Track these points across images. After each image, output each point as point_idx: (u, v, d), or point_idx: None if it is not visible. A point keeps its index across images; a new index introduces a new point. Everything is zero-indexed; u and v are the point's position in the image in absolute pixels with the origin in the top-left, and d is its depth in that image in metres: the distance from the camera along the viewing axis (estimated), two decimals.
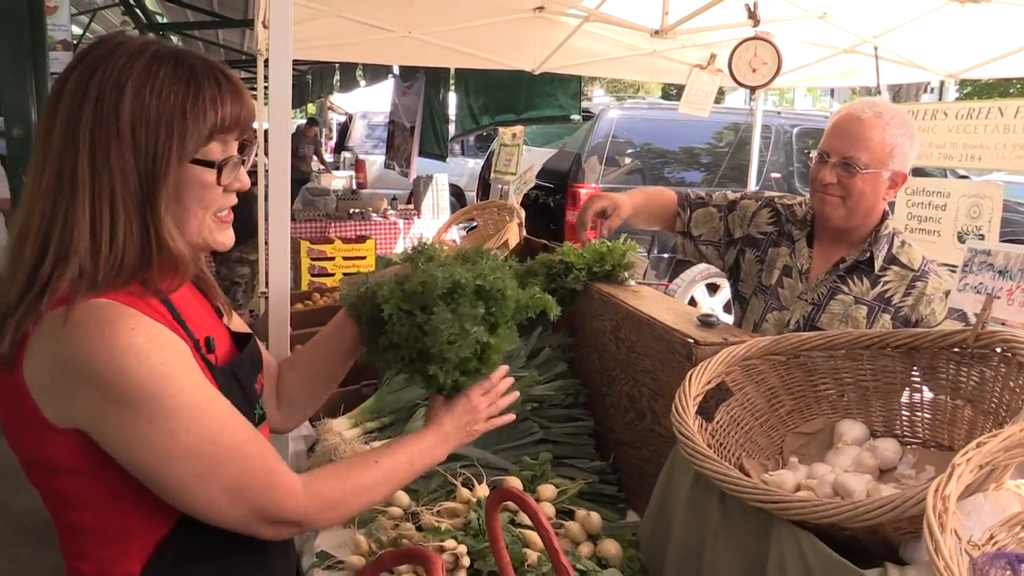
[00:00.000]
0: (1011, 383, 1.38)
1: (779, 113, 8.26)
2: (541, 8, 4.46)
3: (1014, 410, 1.35)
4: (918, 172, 4.92)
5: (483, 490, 1.68)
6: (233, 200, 1.21)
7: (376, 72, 9.22)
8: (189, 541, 1.17)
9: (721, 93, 8.09)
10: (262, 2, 2.46)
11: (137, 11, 11.28)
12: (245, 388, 1.25)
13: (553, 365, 2.23)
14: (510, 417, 1.44)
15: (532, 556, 1.44)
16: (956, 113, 4.16)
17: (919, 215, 4.30)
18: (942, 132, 4.26)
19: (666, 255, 7.05)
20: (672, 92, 4.73)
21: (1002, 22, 3.91)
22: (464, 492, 1.67)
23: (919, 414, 1.59)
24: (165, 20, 13.42)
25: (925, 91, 17.19)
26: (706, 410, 1.65)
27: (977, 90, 18.96)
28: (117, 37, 1.11)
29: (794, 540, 1.31)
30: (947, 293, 2.05)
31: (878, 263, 2.14)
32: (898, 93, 16.54)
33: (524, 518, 1.60)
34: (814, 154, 2.19)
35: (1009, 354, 1.37)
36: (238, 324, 1.40)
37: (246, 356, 1.30)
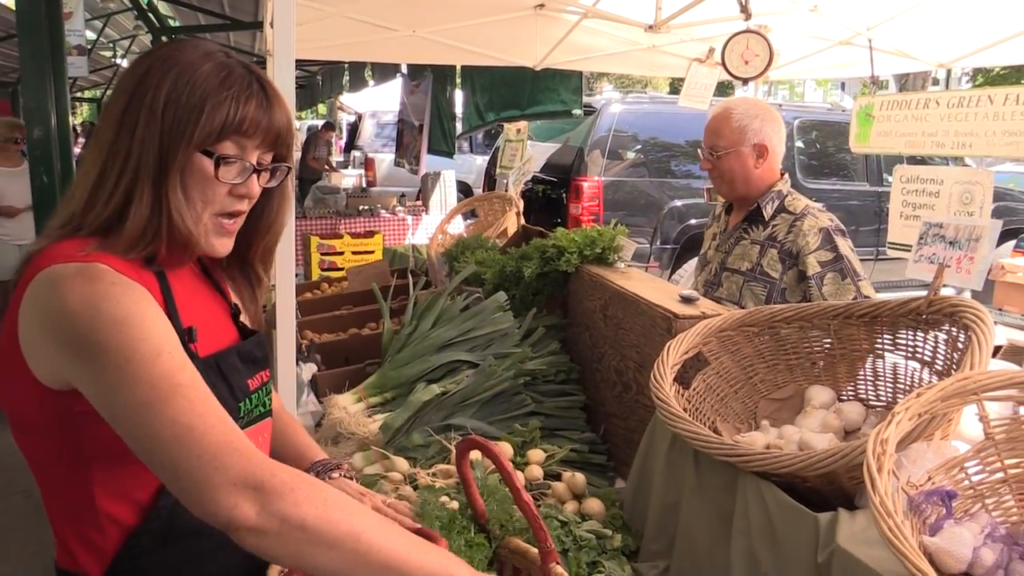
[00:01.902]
0: (959, 344, 1.48)
1: (780, 106, 8.33)
2: (541, 5, 4.56)
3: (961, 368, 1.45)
4: (913, 160, 5.01)
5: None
6: (240, 206, 1.21)
7: (385, 71, 9.34)
8: (163, 526, 1.18)
9: (731, 87, 8.16)
10: (268, 4, 2.58)
11: (150, 15, 11.44)
12: (229, 381, 1.25)
13: (547, 343, 2.35)
14: None
15: (518, 512, 1.55)
16: (947, 102, 4.23)
17: (913, 202, 4.38)
18: (934, 120, 4.33)
19: (668, 246, 7.14)
20: (678, 86, 4.83)
21: (990, 11, 3.99)
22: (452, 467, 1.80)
23: (882, 378, 1.70)
24: (177, 24, 13.60)
25: (932, 82, 17.18)
26: (684, 378, 1.76)
27: (989, 79, 18.86)
28: (192, 39, 1.23)
29: (757, 491, 1.43)
30: (821, 229, 2.54)
31: (767, 213, 2.66)
32: (904, 83, 16.54)
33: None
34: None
35: (957, 317, 1.48)
36: (255, 321, 1.41)
37: (237, 351, 1.29)
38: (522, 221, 3.29)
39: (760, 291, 2.57)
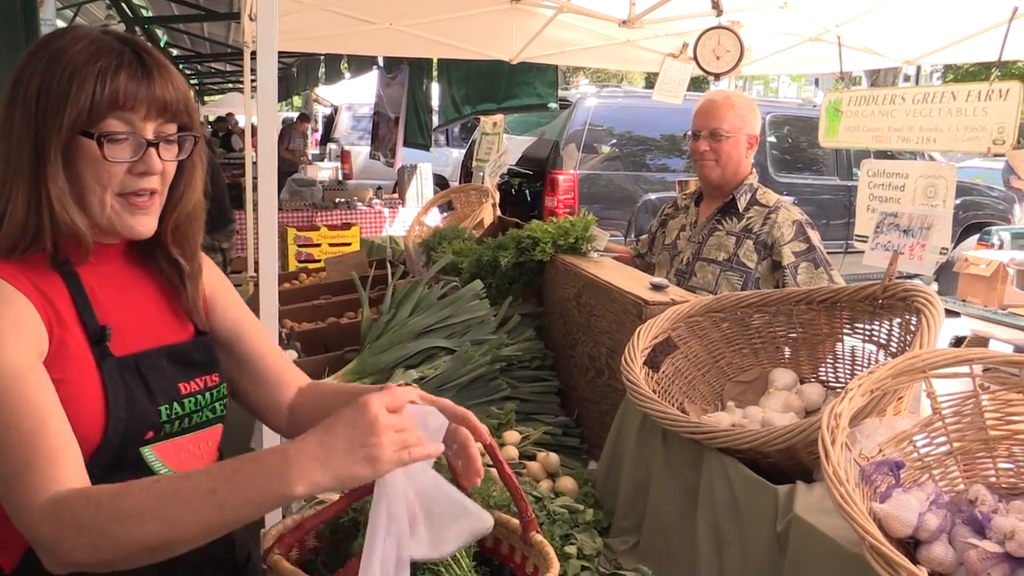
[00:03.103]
0: (911, 326, 1.57)
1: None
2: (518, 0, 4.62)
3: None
4: (880, 155, 5.13)
5: None
6: (144, 184, 1.15)
7: (361, 64, 9.34)
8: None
9: (705, 82, 8.26)
10: None
11: (122, 4, 11.32)
12: (148, 383, 1.19)
13: (522, 331, 2.41)
14: (437, 448, 1.03)
15: (498, 488, 1.62)
16: (913, 98, 4.34)
17: (880, 195, 4.49)
18: (900, 116, 4.44)
19: (644, 237, 7.24)
20: (653, 80, 4.88)
21: (955, 10, 4.10)
22: None
23: (841, 361, 1.79)
24: (150, 14, 13.47)
25: (903, 77, 17.43)
26: (654, 362, 1.84)
27: (959, 76, 19.19)
28: (70, 28, 1.16)
29: (722, 466, 1.50)
30: (795, 221, 2.69)
31: (741, 205, 2.77)
32: (876, 79, 16.73)
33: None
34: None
35: (909, 302, 1.56)
36: (206, 324, 1.34)
37: (168, 352, 1.24)
38: (498, 212, 3.35)
39: (736, 280, 2.66)
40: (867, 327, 1.71)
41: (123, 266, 1.25)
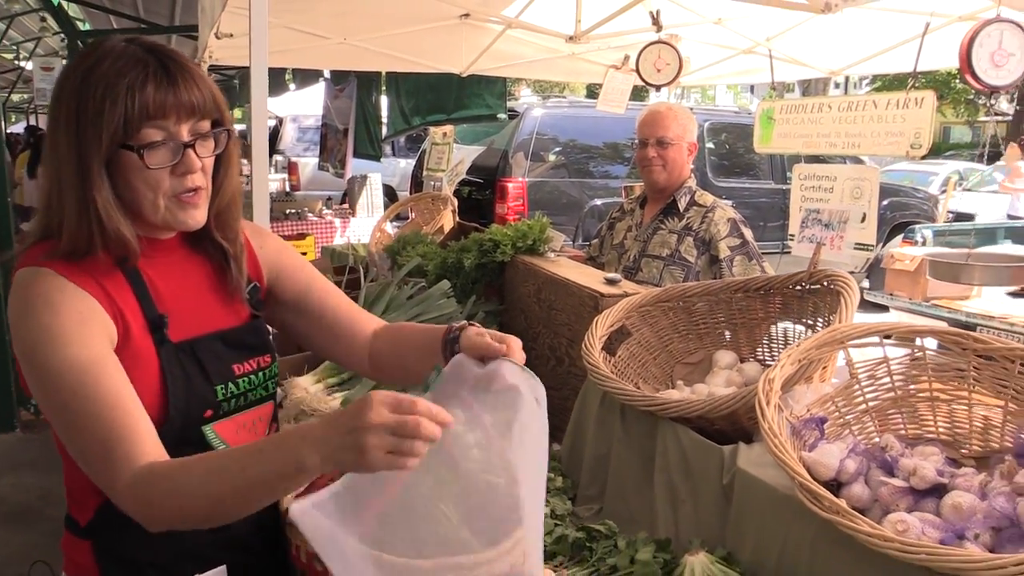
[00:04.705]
0: (832, 307, 1.80)
1: (692, 108, 8.80)
2: (467, 15, 4.80)
3: None
4: (812, 159, 5.45)
5: None
6: (193, 183, 1.24)
7: (306, 76, 9.39)
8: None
9: (646, 92, 8.57)
10: (220, 14, 2.74)
11: (58, 17, 11.15)
12: (204, 366, 1.30)
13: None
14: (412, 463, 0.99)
15: None
16: (839, 106, 4.65)
17: (811, 197, 4.80)
18: (827, 123, 4.74)
19: (595, 241, 7.50)
20: (596, 91, 5.10)
21: (874, 26, 4.42)
22: None
23: (776, 341, 2.01)
24: (88, 27, 13.30)
25: (834, 85, 18.14)
26: (611, 348, 2.04)
27: (886, 84, 20.07)
28: (101, 41, 1.24)
29: (674, 434, 1.71)
30: (730, 219, 2.96)
31: (681, 206, 3.05)
32: (808, 88, 17.36)
33: None
34: (640, 144, 3.20)
35: (831, 285, 1.79)
36: (260, 303, 1.45)
37: (222, 337, 1.35)
38: (457, 218, 3.53)
39: (679, 274, 2.90)
40: (796, 309, 1.94)
41: (180, 258, 1.36)
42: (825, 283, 1.81)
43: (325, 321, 1.50)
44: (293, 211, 7.65)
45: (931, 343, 1.54)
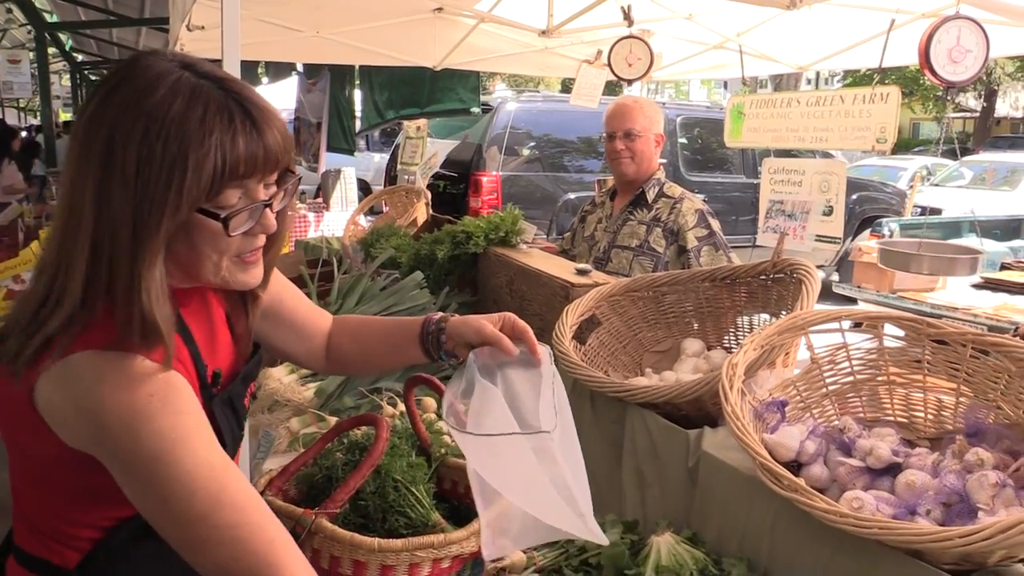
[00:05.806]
0: (796, 295, 1.85)
1: (664, 104, 8.87)
2: (440, 9, 4.81)
3: None
4: (781, 153, 5.53)
5: (402, 407, 2.05)
6: (259, 243, 1.10)
7: (279, 69, 9.33)
8: (126, 538, 1.12)
9: (619, 86, 8.63)
10: (191, 6, 2.73)
11: (24, 8, 10.99)
12: (237, 411, 1.22)
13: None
14: None
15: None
16: (807, 101, 4.73)
17: (780, 191, 4.88)
18: (796, 118, 4.82)
19: (568, 235, 7.55)
20: (570, 85, 5.13)
21: (842, 22, 4.50)
22: (388, 408, 2.05)
23: (741, 329, 2.06)
24: (56, 19, 13.11)
25: (805, 81, 18.34)
26: (581, 336, 2.08)
27: (856, 79, 20.31)
28: (145, 58, 1.02)
29: (642, 419, 1.75)
30: (697, 210, 3.02)
31: (650, 197, 3.08)
32: (779, 83, 17.51)
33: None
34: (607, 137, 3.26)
35: (794, 274, 1.84)
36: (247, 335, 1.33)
37: (241, 378, 1.25)
38: (431, 211, 3.55)
39: (648, 263, 2.94)
40: (761, 298, 1.99)
41: (202, 300, 1.21)
42: (788, 272, 1.86)
43: (290, 324, 1.45)
44: None
45: (890, 330, 1.59)
